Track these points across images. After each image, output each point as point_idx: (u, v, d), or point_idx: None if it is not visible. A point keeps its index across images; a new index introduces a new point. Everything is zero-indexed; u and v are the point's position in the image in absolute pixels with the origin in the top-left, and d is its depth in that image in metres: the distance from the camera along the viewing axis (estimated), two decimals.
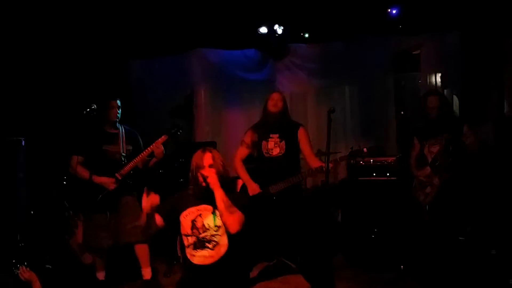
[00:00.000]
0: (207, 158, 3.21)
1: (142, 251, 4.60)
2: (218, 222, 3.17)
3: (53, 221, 5.28)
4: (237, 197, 3.27)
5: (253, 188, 4.66)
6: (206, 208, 3.23)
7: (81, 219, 4.99)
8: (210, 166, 3.20)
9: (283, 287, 4.71)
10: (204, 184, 3.16)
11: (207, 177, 3.13)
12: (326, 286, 4.15)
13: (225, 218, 3.10)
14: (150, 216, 3.14)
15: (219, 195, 3.11)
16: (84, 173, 4.51)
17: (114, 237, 4.59)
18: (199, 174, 3.16)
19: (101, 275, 4.78)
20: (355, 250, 5.43)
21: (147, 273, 4.69)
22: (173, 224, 3.27)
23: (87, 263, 5.07)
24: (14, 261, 3.35)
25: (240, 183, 4.90)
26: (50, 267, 5.04)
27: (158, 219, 3.26)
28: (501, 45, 5.38)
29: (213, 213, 3.19)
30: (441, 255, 4.58)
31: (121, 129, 4.70)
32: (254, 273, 4.88)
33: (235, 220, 3.11)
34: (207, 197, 3.18)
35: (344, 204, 5.75)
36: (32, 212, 5.31)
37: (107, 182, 4.54)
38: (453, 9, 5.64)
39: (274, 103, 4.62)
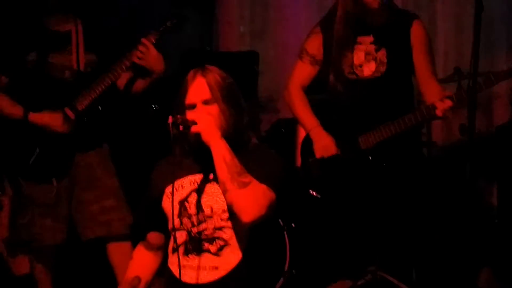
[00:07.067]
0: (199, 88, 2.16)
1: (119, 252, 3.20)
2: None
3: None
4: (267, 163, 2.17)
5: (325, 144, 3.38)
6: (202, 178, 2.22)
7: (8, 195, 3.62)
8: (205, 102, 2.15)
9: None
10: (192, 136, 2.11)
11: (195, 123, 2.06)
12: None
13: (232, 194, 2.02)
14: None
15: (220, 151, 2.05)
16: (12, 108, 3.13)
17: (68, 227, 3.24)
18: (182, 120, 2.10)
19: None
20: None
21: None
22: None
23: (20, 273, 3.68)
24: None
25: (301, 133, 3.56)
26: None
27: None
28: None
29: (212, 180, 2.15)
30: None
31: (77, 26, 3.22)
32: None
33: (250, 198, 2.01)
34: (202, 160, 2.18)
35: (504, 174, 3.88)
36: None
37: (52, 122, 3.14)
38: None
39: None
